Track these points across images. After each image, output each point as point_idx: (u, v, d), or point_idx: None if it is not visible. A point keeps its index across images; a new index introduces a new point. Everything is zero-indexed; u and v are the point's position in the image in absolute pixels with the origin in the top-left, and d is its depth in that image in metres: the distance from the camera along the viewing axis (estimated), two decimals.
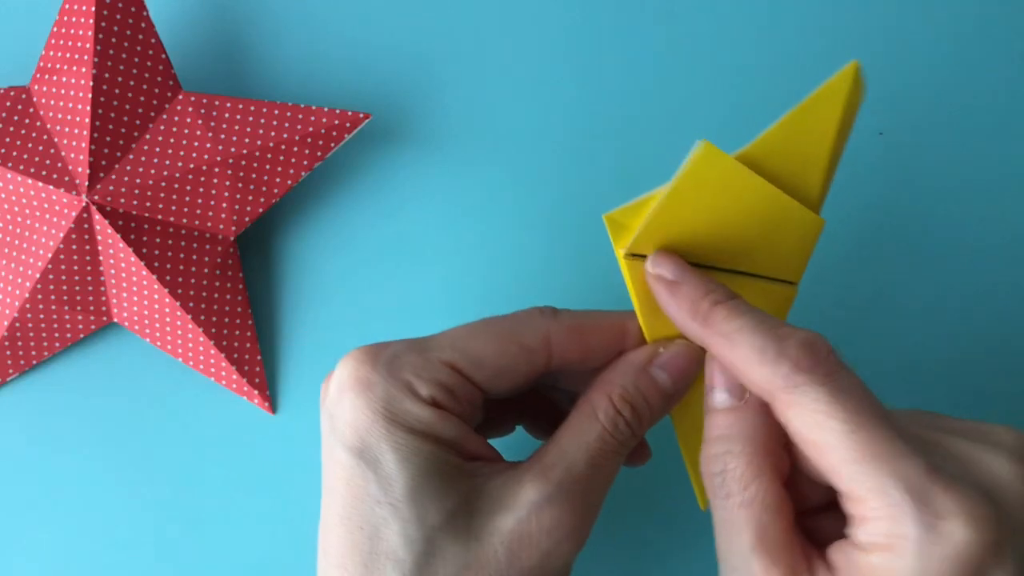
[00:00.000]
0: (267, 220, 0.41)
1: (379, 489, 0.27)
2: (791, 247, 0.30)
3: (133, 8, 0.38)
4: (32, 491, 0.40)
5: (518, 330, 0.30)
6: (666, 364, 0.30)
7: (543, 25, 0.42)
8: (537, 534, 0.27)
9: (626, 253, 0.30)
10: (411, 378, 0.28)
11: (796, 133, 0.30)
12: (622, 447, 0.29)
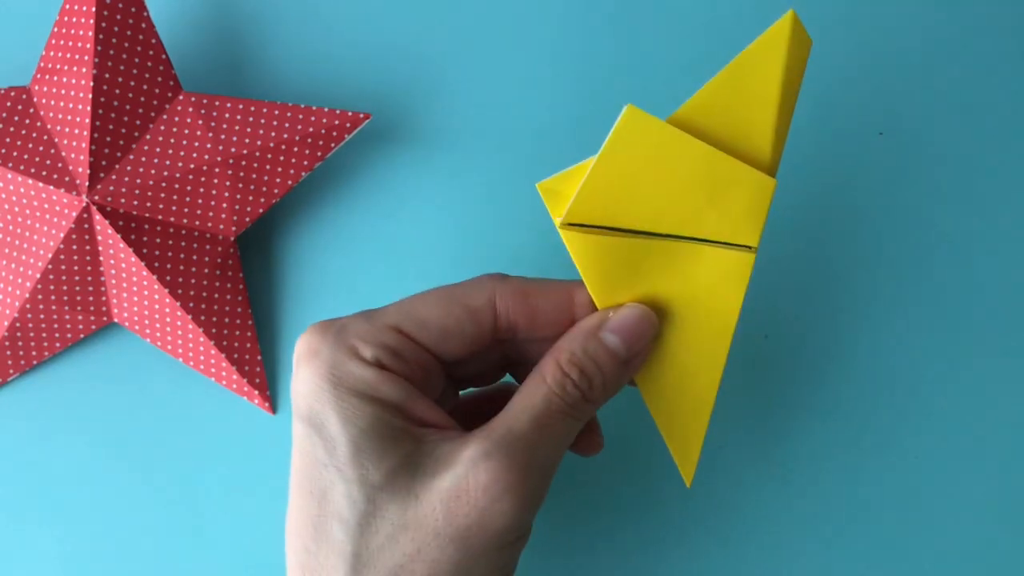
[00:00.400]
0: (267, 220, 0.41)
1: (325, 452, 0.28)
2: (742, 209, 0.29)
3: (133, 8, 0.38)
4: (32, 491, 0.40)
5: (464, 292, 0.31)
6: (616, 327, 0.30)
7: (543, 25, 0.42)
8: (474, 491, 0.27)
9: (562, 223, 0.29)
10: (356, 342, 0.29)
11: (733, 90, 0.28)
12: (572, 409, 0.29)
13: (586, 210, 0.29)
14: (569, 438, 0.30)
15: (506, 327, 0.31)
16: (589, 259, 0.30)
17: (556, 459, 0.29)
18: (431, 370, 0.31)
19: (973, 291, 0.41)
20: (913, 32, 0.43)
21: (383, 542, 0.27)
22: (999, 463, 0.40)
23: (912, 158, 0.42)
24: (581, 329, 0.30)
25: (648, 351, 0.31)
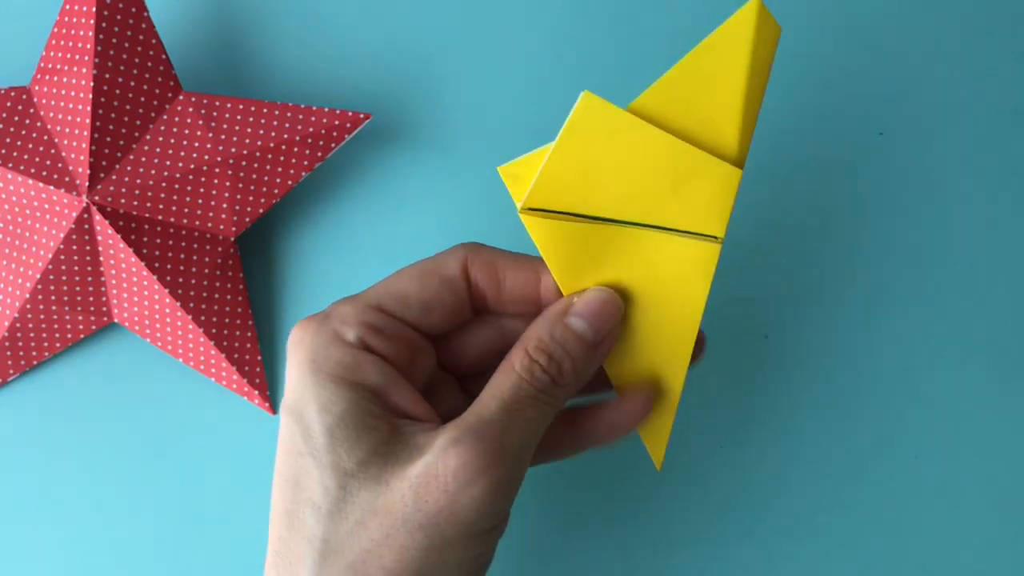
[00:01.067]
0: (267, 220, 0.41)
1: (302, 440, 0.28)
2: (707, 200, 0.29)
3: (133, 8, 0.38)
4: (32, 491, 0.40)
5: (438, 262, 0.31)
6: (581, 311, 0.30)
7: (543, 25, 0.42)
8: (443, 476, 0.27)
9: (522, 207, 0.29)
10: (338, 326, 0.29)
11: (696, 78, 0.28)
12: (542, 394, 0.29)
13: (546, 195, 0.29)
14: (541, 423, 0.29)
15: (478, 296, 0.31)
16: (551, 245, 0.30)
17: (529, 445, 0.29)
18: (417, 348, 0.31)
19: (974, 291, 0.41)
20: (913, 32, 0.43)
21: (352, 528, 0.27)
22: (1000, 461, 0.40)
23: (912, 158, 0.42)
24: (547, 316, 0.30)
25: (615, 334, 0.31)
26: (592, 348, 0.30)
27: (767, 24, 0.28)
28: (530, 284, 0.31)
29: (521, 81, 0.42)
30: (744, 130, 0.28)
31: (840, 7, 0.42)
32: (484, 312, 0.33)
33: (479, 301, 0.32)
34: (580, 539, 0.40)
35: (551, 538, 0.40)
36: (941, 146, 0.42)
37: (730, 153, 0.28)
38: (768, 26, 0.28)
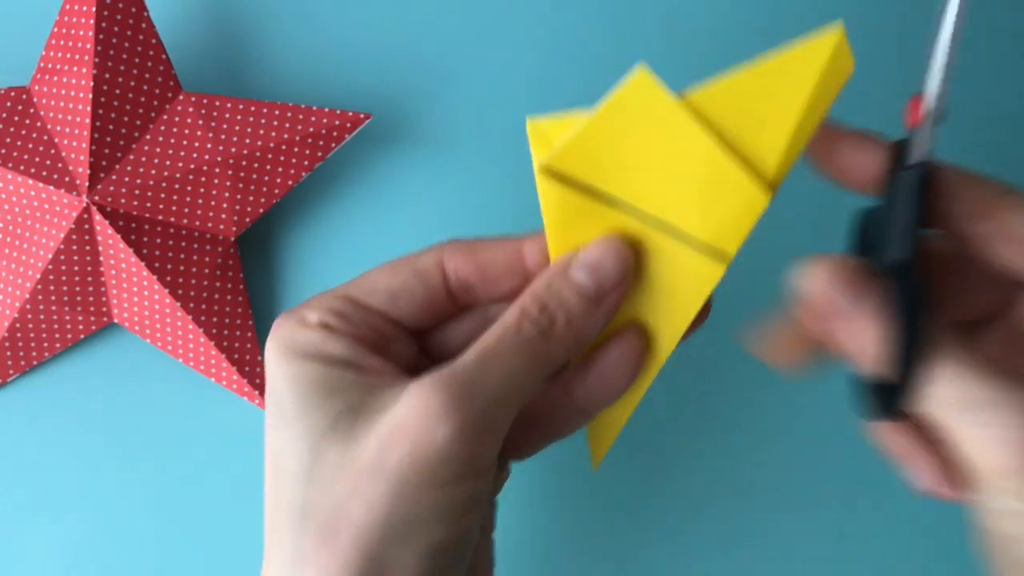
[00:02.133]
0: (267, 220, 0.41)
1: (278, 416, 0.28)
2: (726, 216, 0.27)
3: (133, 8, 0.38)
4: (32, 491, 0.40)
5: (413, 257, 0.31)
6: (583, 261, 0.28)
7: (543, 24, 0.42)
8: (406, 421, 0.26)
9: (541, 166, 0.28)
10: (304, 312, 0.29)
11: (755, 92, 0.26)
12: (526, 344, 0.28)
13: (570, 161, 0.28)
14: (524, 374, 0.28)
15: (459, 287, 0.31)
16: (557, 211, 0.28)
17: (506, 394, 0.27)
18: (387, 334, 0.30)
19: None
20: (914, 31, 0.43)
21: (323, 487, 0.27)
22: None
23: None
24: (548, 270, 0.29)
25: (622, 292, 0.29)
26: (592, 303, 0.29)
27: (843, 58, 0.27)
28: (513, 258, 0.30)
29: (521, 81, 0.42)
30: (786, 159, 0.27)
31: (840, 7, 0.42)
32: (472, 306, 0.32)
33: (465, 294, 0.31)
34: (580, 539, 0.40)
35: (550, 538, 0.40)
36: (942, 146, 0.42)
37: (765, 177, 0.27)
38: (843, 60, 0.27)
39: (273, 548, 0.28)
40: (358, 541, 0.26)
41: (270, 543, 0.28)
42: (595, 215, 0.28)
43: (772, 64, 0.26)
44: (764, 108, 0.27)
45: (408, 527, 0.26)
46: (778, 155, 0.27)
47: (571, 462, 0.39)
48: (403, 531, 0.26)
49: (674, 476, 0.40)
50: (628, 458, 0.40)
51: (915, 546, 0.40)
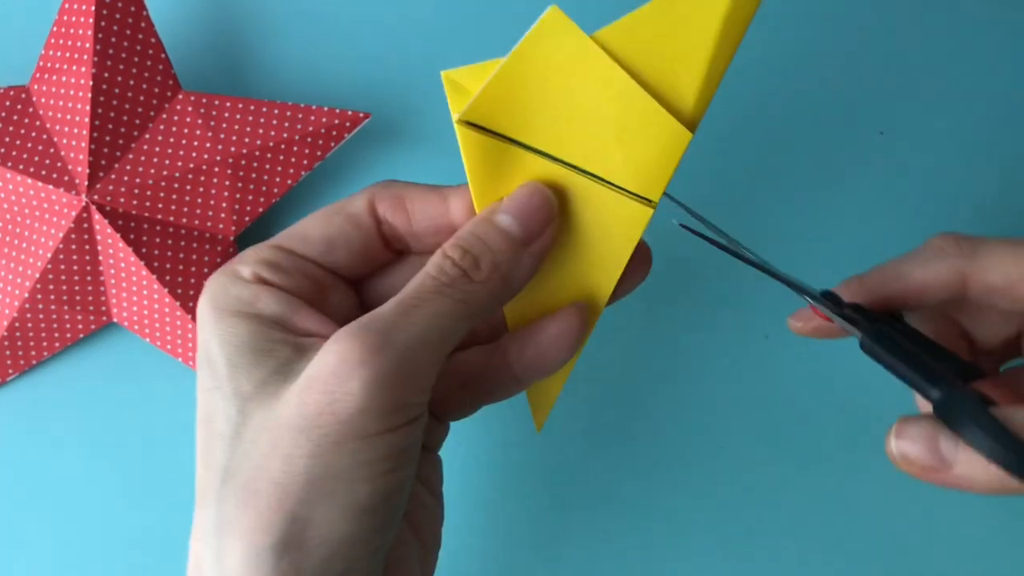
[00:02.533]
0: (267, 220, 0.41)
1: (210, 377, 0.27)
2: (649, 156, 0.27)
3: (133, 8, 0.38)
4: (32, 491, 0.40)
5: (345, 201, 0.30)
6: (508, 207, 0.28)
7: None
8: (323, 374, 0.25)
9: (459, 119, 0.27)
10: (236, 266, 0.29)
11: (667, 22, 0.26)
12: (447, 288, 0.27)
13: (487, 112, 0.27)
14: (446, 320, 0.27)
15: (391, 234, 0.30)
16: (479, 162, 0.28)
17: (427, 340, 0.26)
18: (324, 284, 0.30)
19: None
20: (914, 31, 0.43)
21: (247, 448, 0.26)
22: None
23: (912, 157, 0.42)
24: (473, 219, 0.29)
25: (549, 236, 0.28)
26: (520, 245, 0.28)
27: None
28: (438, 210, 0.30)
29: None
30: (704, 90, 0.27)
31: (840, 7, 0.42)
32: (407, 253, 0.31)
33: (397, 241, 0.30)
34: (579, 539, 0.39)
35: (549, 538, 0.39)
36: (941, 145, 0.42)
37: (685, 111, 0.27)
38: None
39: (199, 512, 0.27)
40: (278, 500, 0.25)
41: (198, 507, 0.27)
42: (517, 164, 0.28)
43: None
44: (678, 38, 0.26)
45: (330, 483, 0.25)
46: (696, 85, 0.26)
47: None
48: (325, 488, 0.25)
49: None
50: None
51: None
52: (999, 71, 0.42)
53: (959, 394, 0.26)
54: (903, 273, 0.30)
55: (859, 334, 0.28)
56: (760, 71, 0.42)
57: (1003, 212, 0.42)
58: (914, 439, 0.27)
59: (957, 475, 0.26)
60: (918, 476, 0.27)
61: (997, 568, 0.39)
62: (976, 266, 0.29)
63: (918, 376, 0.27)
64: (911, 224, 0.41)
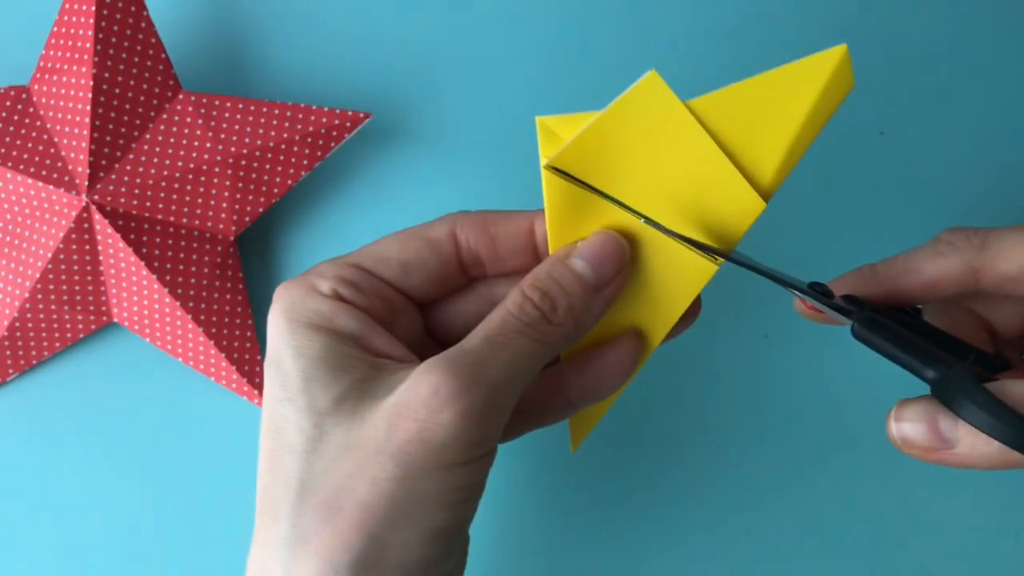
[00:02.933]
0: (267, 220, 0.41)
1: (281, 387, 0.28)
2: (722, 219, 0.29)
3: (133, 8, 0.38)
4: (32, 491, 0.40)
5: (425, 227, 0.31)
6: (583, 251, 0.29)
7: (543, 25, 0.42)
8: (415, 403, 0.26)
9: (547, 165, 0.29)
10: (314, 279, 0.29)
11: (758, 101, 0.27)
12: (529, 328, 0.28)
13: (574, 160, 0.28)
14: (528, 359, 0.28)
15: (470, 259, 0.31)
16: (559, 204, 0.29)
17: (511, 379, 0.27)
18: (397, 306, 0.30)
19: None
20: (914, 31, 0.43)
21: (328, 465, 0.27)
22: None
23: (912, 157, 0.42)
24: (548, 260, 0.30)
25: (621, 282, 0.29)
26: (592, 290, 0.29)
27: (844, 75, 0.27)
28: (524, 233, 0.31)
29: (521, 81, 0.42)
30: (783, 166, 0.28)
31: (840, 6, 0.42)
32: (479, 281, 0.32)
33: (475, 267, 0.31)
34: (579, 538, 0.40)
35: (549, 537, 0.40)
36: (941, 145, 0.42)
37: (762, 183, 0.28)
38: (844, 77, 0.27)
39: (267, 523, 0.28)
40: (361, 521, 0.26)
41: (263, 518, 0.28)
42: (595, 210, 0.29)
43: (777, 74, 0.27)
44: (766, 117, 0.27)
45: (412, 509, 0.26)
46: (777, 161, 0.28)
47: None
48: (407, 513, 0.26)
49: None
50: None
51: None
52: (999, 71, 0.42)
53: (954, 372, 0.26)
54: (913, 267, 0.30)
55: (851, 321, 0.28)
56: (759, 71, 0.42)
57: (1004, 212, 0.42)
58: (913, 420, 0.27)
59: (958, 454, 0.27)
60: (921, 457, 0.27)
61: (997, 567, 0.40)
62: (987, 257, 0.29)
63: (912, 358, 0.27)
64: (911, 224, 0.41)
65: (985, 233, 0.30)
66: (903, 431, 0.27)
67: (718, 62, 0.42)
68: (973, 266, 0.29)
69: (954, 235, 0.30)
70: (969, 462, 0.27)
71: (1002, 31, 0.42)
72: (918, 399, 0.27)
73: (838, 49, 0.27)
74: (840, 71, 0.27)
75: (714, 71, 0.42)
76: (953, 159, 0.42)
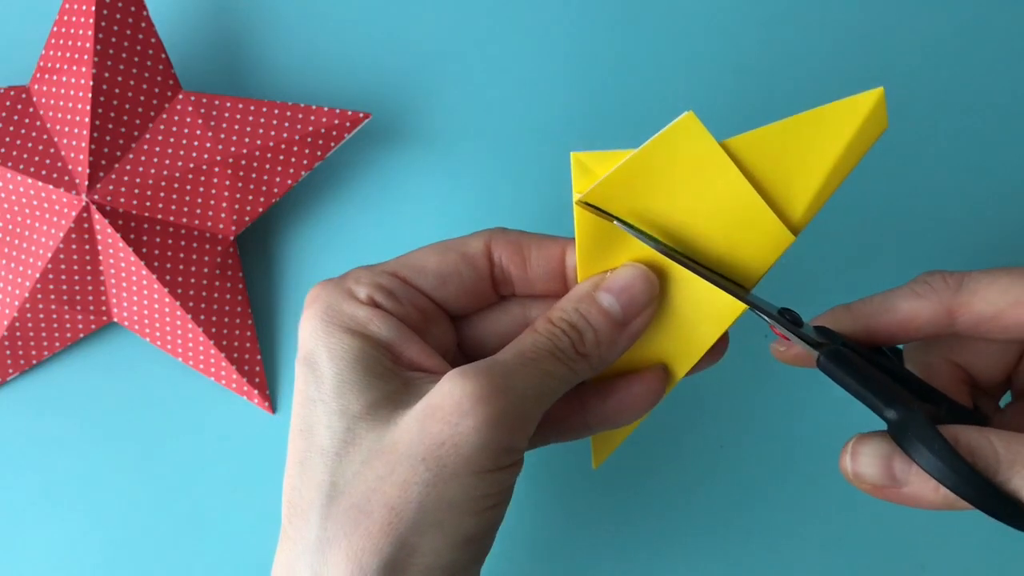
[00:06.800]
0: (267, 220, 0.41)
1: (315, 388, 0.28)
2: (750, 253, 0.29)
3: (133, 8, 0.38)
4: (32, 491, 0.40)
5: (461, 241, 0.31)
6: (611, 286, 0.30)
7: (543, 24, 0.42)
8: (446, 405, 0.26)
9: (580, 200, 0.29)
10: (352, 285, 0.30)
11: (794, 141, 0.28)
12: (561, 352, 0.29)
13: (607, 196, 0.29)
14: (556, 380, 0.28)
15: (501, 277, 0.31)
16: (589, 237, 0.30)
17: (538, 395, 0.28)
18: (430, 316, 0.31)
19: None
20: (914, 31, 0.43)
21: (358, 468, 0.27)
22: None
23: (912, 157, 0.42)
24: (576, 290, 0.30)
25: (648, 316, 0.30)
26: (618, 325, 0.30)
27: (878, 116, 0.28)
28: (555, 259, 0.31)
29: (520, 81, 0.42)
30: (814, 204, 0.29)
31: (840, 7, 0.42)
32: (510, 299, 0.33)
33: (505, 285, 0.32)
34: (579, 538, 0.39)
35: (549, 537, 0.39)
36: (942, 145, 0.42)
37: (792, 219, 0.29)
38: (878, 119, 0.28)
39: (295, 524, 0.28)
40: (390, 525, 0.26)
41: (291, 519, 0.28)
42: (625, 242, 0.30)
43: (813, 115, 0.28)
44: (801, 156, 0.28)
45: (441, 514, 0.26)
46: (808, 199, 0.28)
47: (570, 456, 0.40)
48: (436, 518, 0.26)
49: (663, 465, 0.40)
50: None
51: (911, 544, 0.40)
52: (999, 71, 0.42)
53: (911, 414, 0.27)
54: (890, 306, 0.30)
55: (816, 353, 0.29)
56: (759, 71, 0.42)
57: (1004, 212, 0.42)
58: (870, 458, 0.28)
59: (905, 493, 0.27)
60: (868, 492, 0.28)
61: (997, 567, 0.39)
62: (963, 299, 0.29)
63: (873, 396, 0.28)
64: (911, 224, 0.41)
65: (961, 275, 0.30)
66: (858, 467, 0.28)
67: (716, 58, 0.42)
68: (949, 307, 0.30)
69: (931, 277, 0.30)
70: (914, 502, 0.27)
71: (1003, 30, 0.42)
72: (874, 437, 0.28)
73: (874, 92, 0.27)
74: (875, 113, 0.28)
75: (712, 66, 0.42)
76: (953, 159, 0.42)
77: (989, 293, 0.29)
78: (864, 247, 0.41)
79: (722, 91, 0.42)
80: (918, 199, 0.42)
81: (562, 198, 0.41)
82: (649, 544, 0.40)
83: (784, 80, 0.42)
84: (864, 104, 0.27)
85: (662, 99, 0.42)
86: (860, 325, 0.30)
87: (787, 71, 0.42)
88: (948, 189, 0.42)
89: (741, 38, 0.42)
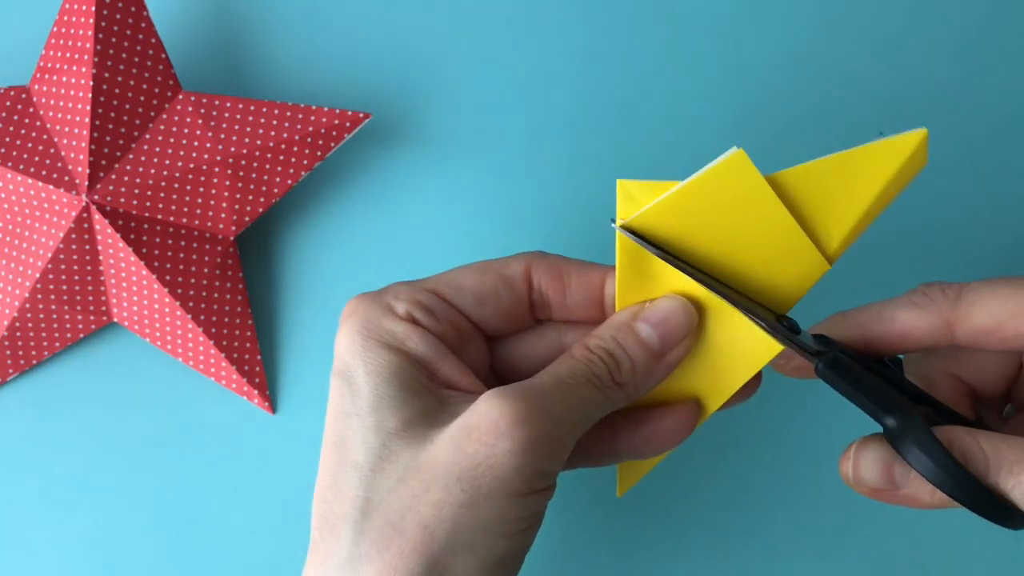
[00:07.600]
0: (267, 220, 0.41)
1: (350, 402, 0.28)
2: (787, 281, 0.30)
3: (133, 8, 0.38)
4: (32, 491, 0.40)
5: (501, 262, 0.31)
6: (650, 317, 0.30)
7: (543, 25, 0.42)
8: (483, 425, 0.26)
9: (622, 226, 0.29)
10: (391, 300, 0.30)
11: (836, 177, 0.29)
12: (597, 380, 0.29)
13: (651, 225, 0.29)
14: (592, 407, 0.29)
15: (539, 301, 0.31)
16: (629, 265, 0.30)
17: (574, 420, 0.28)
18: (466, 335, 0.31)
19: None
20: (914, 31, 0.43)
21: (393, 485, 0.27)
22: None
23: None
24: (614, 318, 0.30)
25: (686, 347, 0.30)
26: (656, 357, 0.30)
27: (919, 156, 0.29)
28: (595, 287, 0.31)
29: (520, 81, 0.42)
30: (850, 236, 0.29)
31: (840, 7, 0.42)
32: (546, 322, 0.33)
33: (543, 309, 0.32)
34: (579, 538, 0.39)
35: (550, 536, 0.39)
36: (941, 145, 0.42)
37: (829, 249, 0.29)
38: (918, 158, 0.29)
39: (326, 539, 0.28)
40: (423, 544, 0.26)
41: (322, 533, 0.28)
42: (664, 273, 0.30)
43: (858, 153, 0.28)
44: (842, 190, 0.29)
45: (475, 536, 0.26)
46: (845, 231, 0.29)
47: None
48: (469, 539, 0.26)
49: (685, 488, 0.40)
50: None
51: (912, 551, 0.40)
52: (999, 71, 0.42)
53: (909, 419, 0.27)
54: (887, 316, 0.30)
55: (814, 360, 0.29)
56: (759, 72, 0.42)
57: (1004, 212, 0.42)
58: (870, 463, 0.28)
59: (903, 495, 0.28)
60: (866, 495, 0.28)
61: (997, 567, 0.39)
62: (962, 311, 0.30)
63: (871, 403, 0.28)
64: (911, 224, 0.41)
65: (960, 286, 0.30)
66: (859, 472, 0.28)
67: (715, 58, 0.42)
68: (948, 319, 0.30)
69: (930, 288, 0.30)
70: (910, 503, 0.28)
71: (1003, 30, 0.42)
72: (874, 443, 0.28)
73: (918, 133, 0.28)
74: (918, 152, 0.28)
75: (712, 66, 0.42)
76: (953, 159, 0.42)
77: (988, 305, 0.29)
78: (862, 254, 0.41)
79: (722, 91, 0.42)
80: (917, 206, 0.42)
81: (562, 198, 0.41)
82: (649, 544, 0.40)
83: (784, 80, 0.42)
84: (908, 144, 0.28)
85: (663, 100, 0.42)
86: (857, 333, 0.31)
87: (787, 71, 0.42)
88: (948, 197, 0.42)
89: (741, 38, 0.42)
